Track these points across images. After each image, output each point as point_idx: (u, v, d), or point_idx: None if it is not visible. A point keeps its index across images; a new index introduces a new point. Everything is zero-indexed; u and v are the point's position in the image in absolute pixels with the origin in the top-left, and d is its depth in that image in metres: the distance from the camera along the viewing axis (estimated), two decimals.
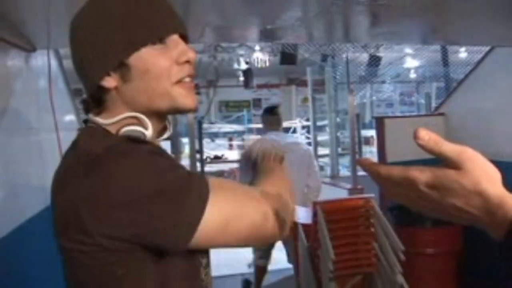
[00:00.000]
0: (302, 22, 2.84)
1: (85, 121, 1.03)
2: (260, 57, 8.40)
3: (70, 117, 3.27)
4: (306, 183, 4.05)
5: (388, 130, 4.32)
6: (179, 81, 0.97)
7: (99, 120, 0.98)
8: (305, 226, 3.10)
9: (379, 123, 4.37)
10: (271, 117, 4.21)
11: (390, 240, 2.81)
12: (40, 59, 2.52)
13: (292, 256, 3.72)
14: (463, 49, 8.51)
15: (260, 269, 4.40)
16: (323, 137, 7.71)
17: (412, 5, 2.35)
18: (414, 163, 0.66)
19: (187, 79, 0.98)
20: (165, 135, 1.07)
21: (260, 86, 14.47)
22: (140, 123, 0.97)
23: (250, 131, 12.46)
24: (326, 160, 7.72)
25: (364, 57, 7.74)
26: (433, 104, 7.51)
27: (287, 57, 6.47)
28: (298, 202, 3.41)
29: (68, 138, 2.84)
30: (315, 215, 2.84)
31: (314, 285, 2.90)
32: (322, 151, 7.63)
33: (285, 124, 13.38)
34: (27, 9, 1.93)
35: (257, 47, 8.17)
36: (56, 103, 2.42)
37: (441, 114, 4.57)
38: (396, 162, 4.23)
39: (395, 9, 2.42)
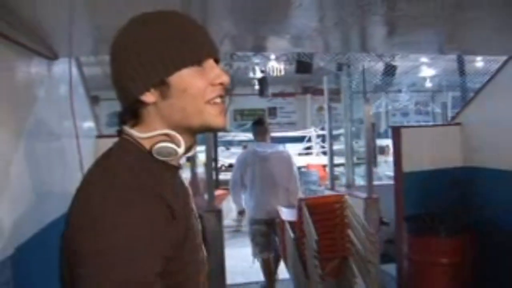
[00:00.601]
0: (320, 32, 2.86)
1: (119, 131, 1.08)
2: (276, 65, 8.41)
3: (89, 124, 3.32)
4: (287, 187, 4.60)
5: (405, 140, 4.31)
6: (210, 100, 1.03)
7: (134, 132, 1.03)
8: (290, 222, 3.93)
9: (396, 132, 4.36)
10: (258, 128, 4.78)
11: (362, 227, 3.41)
12: (62, 67, 2.58)
13: (280, 248, 4.43)
14: (479, 58, 8.42)
15: (266, 261, 4.71)
16: (337, 146, 7.66)
17: (428, 15, 2.36)
18: (429, 173, 0.68)
19: (218, 100, 1.04)
20: (192, 152, 1.11)
21: (275, 95, 14.48)
22: (173, 140, 1.02)
23: None
24: (341, 169, 7.68)
25: (380, 66, 7.72)
26: (449, 114, 7.44)
27: (303, 66, 6.48)
28: (282, 203, 4.39)
29: (87, 144, 2.89)
30: (300, 209, 3.63)
31: (300, 268, 3.61)
32: (336, 160, 7.60)
33: (300, 133, 13.42)
34: (50, 18, 1.98)
35: (272, 56, 8.18)
36: (76, 110, 2.47)
37: (458, 124, 4.55)
38: (412, 172, 4.22)
39: (411, 19, 2.44)
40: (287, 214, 4.10)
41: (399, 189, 4.30)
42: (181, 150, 1.03)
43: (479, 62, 8.49)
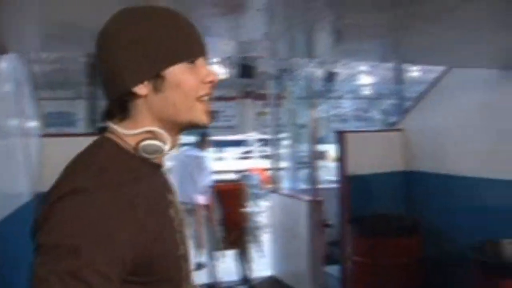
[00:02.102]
0: (269, 38, 2.88)
1: (102, 128, 1.06)
2: (218, 70, 8.38)
3: (35, 123, 3.19)
4: (199, 181, 5.59)
5: (349, 144, 4.42)
6: (200, 98, 1.04)
7: (119, 129, 1.02)
8: (204, 205, 5.31)
9: (340, 137, 4.46)
10: (201, 141, 5.84)
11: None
12: (10, 62, 2.46)
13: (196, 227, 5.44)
14: (415, 68, 8.80)
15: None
16: (279, 150, 7.73)
17: (377, 25, 2.42)
18: (373, 177, 0.71)
19: (206, 98, 1.06)
20: (174, 150, 1.12)
21: (216, 99, 14.44)
22: (159, 138, 1.02)
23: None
24: (283, 173, 7.75)
25: (321, 72, 7.87)
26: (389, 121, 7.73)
27: (247, 71, 6.49)
28: (198, 192, 5.49)
29: (32, 142, 2.77)
30: (211, 194, 5.27)
31: (211, 238, 5.19)
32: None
33: (241, 137, 13.44)
34: None
35: (214, 60, 8.15)
36: (22, 108, 2.37)
37: (399, 129, 4.72)
38: (356, 175, 4.33)
39: (359, 28, 2.50)
40: (201, 200, 5.38)
41: (344, 191, 4.40)
42: (167, 147, 1.03)
43: (415, 72, 8.87)
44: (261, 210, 7.61)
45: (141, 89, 1.00)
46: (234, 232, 5.17)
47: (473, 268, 3.19)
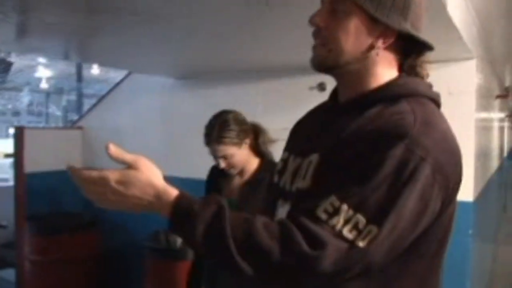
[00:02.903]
0: None
1: None
2: None
3: None
4: None
5: (28, 141, 4.26)
6: None
7: None
8: None
9: (19, 133, 4.26)
10: None
11: None
12: None
13: None
14: (95, 66, 8.88)
15: None
16: None
17: (64, 23, 2.46)
18: (53, 174, 0.82)
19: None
20: None
21: None
22: None
23: None
24: None
25: None
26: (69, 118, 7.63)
27: None
28: None
29: None
30: None
31: None
32: None
33: None
34: None
35: None
36: None
37: (80, 128, 4.78)
38: (35, 173, 4.21)
39: (45, 25, 2.49)
40: None
41: (20, 190, 4.22)
42: None
43: (95, 70, 8.97)
44: None
45: None
46: None
47: (148, 256, 3.54)
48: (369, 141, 0.94)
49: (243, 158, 2.02)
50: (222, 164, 2.02)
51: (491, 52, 4.07)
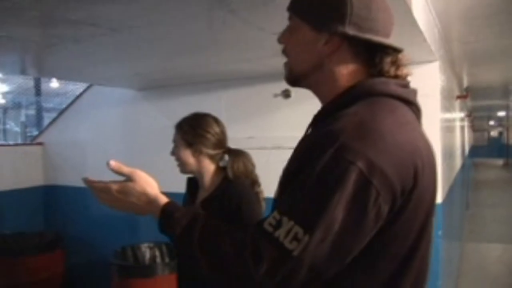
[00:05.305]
0: None
1: None
2: None
3: None
4: None
5: None
6: None
7: None
8: None
9: None
10: None
11: None
12: None
13: None
14: (54, 79, 8.68)
15: None
16: None
17: (15, 36, 2.36)
18: (10, 194, 0.80)
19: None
20: None
21: None
22: None
23: None
24: None
25: None
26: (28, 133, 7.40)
27: None
28: None
29: None
30: None
31: None
32: None
33: None
34: None
35: None
36: None
37: (40, 143, 4.63)
38: None
39: (3, 40, 2.40)
40: None
41: None
42: None
43: (55, 83, 8.76)
44: None
45: None
46: None
47: (113, 273, 3.43)
48: (303, 152, 0.98)
49: (188, 159, 1.99)
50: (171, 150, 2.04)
51: (450, 53, 4.15)
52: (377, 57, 1.06)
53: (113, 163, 1.13)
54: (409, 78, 1.09)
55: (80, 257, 4.17)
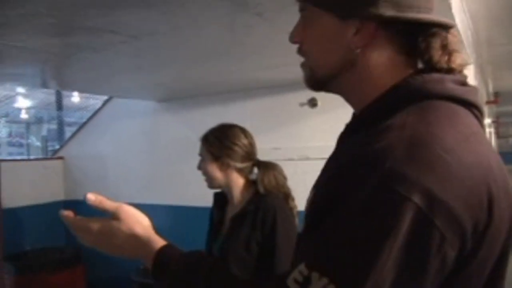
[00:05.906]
0: None
1: None
2: None
3: None
4: None
5: (4, 174, 4.05)
6: None
7: None
8: None
9: None
10: None
11: None
12: None
13: None
14: (76, 93, 8.74)
15: None
16: None
17: (35, 47, 2.32)
18: (31, 209, 0.74)
19: None
20: None
21: None
22: None
23: None
24: None
25: None
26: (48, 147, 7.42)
27: None
28: None
29: None
30: None
31: None
32: None
33: None
34: None
35: None
36: None
37: (60, 158, 4.59)
38: (12, 209, 4.01)
39: (23, 51, 2.35)
40: None
41: None
42: None
43: (76, 98, 8.81)
44: None
45: None
46: None
47: None
48: (334, 179, 0.73)
49: (215, 173, 1.88)
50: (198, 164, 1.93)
51: (480, 57, 4.00)
52: (422, 42, 0.80)
53: (92, 197, 0.94)
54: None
55: (100, 273, 4.09)
